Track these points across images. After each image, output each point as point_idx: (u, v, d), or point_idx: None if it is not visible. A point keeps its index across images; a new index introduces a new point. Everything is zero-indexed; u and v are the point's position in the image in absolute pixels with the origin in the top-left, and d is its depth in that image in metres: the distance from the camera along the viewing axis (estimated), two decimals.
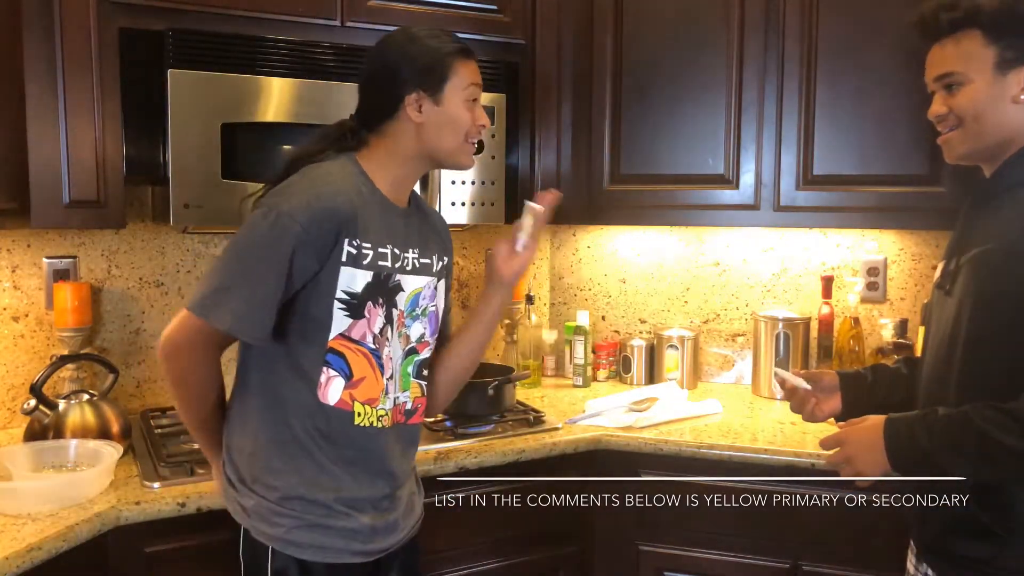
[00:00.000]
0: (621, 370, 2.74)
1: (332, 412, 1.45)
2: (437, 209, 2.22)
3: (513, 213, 2.40)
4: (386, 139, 1.50)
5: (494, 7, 2.33)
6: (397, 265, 1.49)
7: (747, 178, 2.36)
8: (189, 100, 1.89)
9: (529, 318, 2.69)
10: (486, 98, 2.24)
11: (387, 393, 1.50)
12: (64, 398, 1.95)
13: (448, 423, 2.20)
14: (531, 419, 2.25)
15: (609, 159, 2.47)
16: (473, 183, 2.28)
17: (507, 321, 2.69)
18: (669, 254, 2.77)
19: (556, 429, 2.21)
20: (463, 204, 2.27)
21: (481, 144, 2.26)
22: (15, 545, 1.48)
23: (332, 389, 1.45)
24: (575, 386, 2.68)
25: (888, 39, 2.22)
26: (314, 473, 1.46)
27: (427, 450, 2.01)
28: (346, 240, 1.41)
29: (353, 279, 1.43)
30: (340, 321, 1.44)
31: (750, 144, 2.35)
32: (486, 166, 2.29)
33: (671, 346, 2.66)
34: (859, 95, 2.26)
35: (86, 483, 1.70)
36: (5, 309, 2.14)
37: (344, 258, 1.42)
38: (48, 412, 1.90)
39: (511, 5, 2.36)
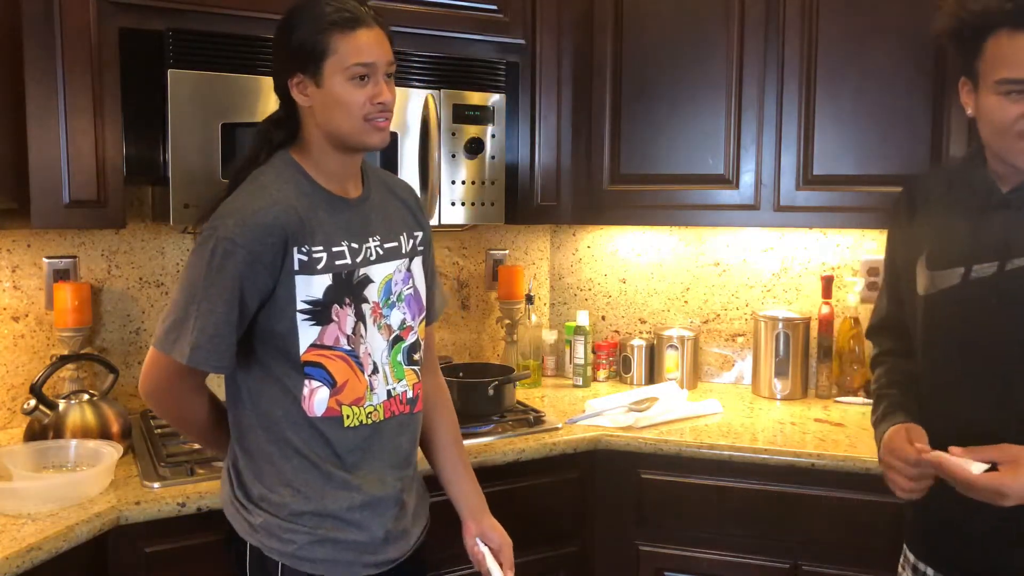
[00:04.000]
0: (621, 370, 2.74)
1: (321, 422, 1.42)
2: (436, 207, 2.22)
3: (513, 213, 2.41)
4: (303, 128, 1.45)
5: (494, 7, 2.33)
6: (359, 259, 1.44)
7: (747, 178, 2.36)
8: (189, 100, 1.89)
9: (529, 318, 2.69)
10: (485, 98, 2.27)
11: (372, 389, 1.47)
12: (64, 398, 1.95)
13: None
14: (531, 419, 2.25)
15: (609, 159, 2.47)
16: (473, 183, 2.28)
17: (507, 321, 2.69)
18: (669, 254, 2.77)
19: (556, 429, 2.21)
20: (463, 204, 2.27)
21: (480, 144, 2.25)
22: (15, 545, 1.48)
23: (317, 400, 1.42)
24: (575, 386, 2.68)
25: (888, 39, 2.23)
26: (322, 484, 1.44)
27: None
28: (295, 249, 1.37)
29: (310, 286, 1.39)
30: (308, 332, 1.39)
31: (750, 144, 2.35)
32: (486, 166, 2.29)
33: (671, 346, 2.66)
34: (859, 95, 2.26)
35: (86, 483, 1.70)
36: (5, 309, 2.14)
37: (296, 267, 1.38)
38: (48, 412, 1.90)
39: (511, 5, 2.36)
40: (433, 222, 2.22)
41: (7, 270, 2.14)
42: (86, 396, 1.97)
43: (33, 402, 1.88)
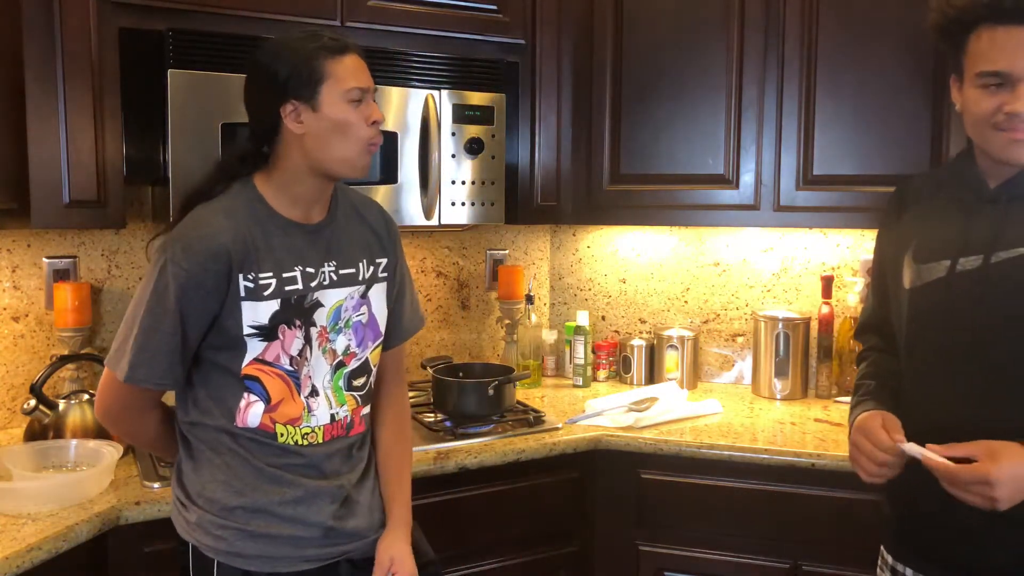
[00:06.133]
0: (621, 370, 2.74)
1: (254, 433, 1.44)
2: (436, 207, 2.22)
3: (513, 213, 2.41)
4: (279, 156, 1.44)
5: (494, 7, 2.33)
6: (312, 284, 1.45)
7: (747, 178, 2.36)
8: (189, 100, 1.89)
9: (529, 318, 2.69)
10: (485, 98, 2.27)
11: (310, 411, 1.47)
12: (64, 398, 1.96)
13: (448, 423, 2.20)
14: (531, 419, 2.25)
15: (609, 159, 2.47)
16: (473, 183, 2.28)
17: (507, 321, 2.69)
18: (669, 254, 2.77)
19: (556, 429, 2.21)
20: (463, 204, 2.27)
21: (480, 144, 2.26)
22: (15, 545, 1.48)
23: (251, 414, 1.43)
24: (575, 386, 2.68)
25: (888, 39, 2.23)
26: (254, 477, 1.44)
27: (427, 450, 2.02)
28: (240, 276, 1.38)
29: (256, 311, 1.40)
30: (254, 346, 1.42)
31: (750, 144, 2.35)
32: (486, 166, 2.29)
33: (671, 346, 2.66)
34: (859, 95, 2.26)
35: (86, 483, 1.70)
36: (5, 309, 2.14)
37: (243, 293, 1.39)
38: (48, 412, 1.90)
39: (511, 5, 2.36)
40: (433, 222, 2.22)
41: (7, 270, 2.14)
42: (86, 396, 1.97)
43: (33, 402, 1.89)
